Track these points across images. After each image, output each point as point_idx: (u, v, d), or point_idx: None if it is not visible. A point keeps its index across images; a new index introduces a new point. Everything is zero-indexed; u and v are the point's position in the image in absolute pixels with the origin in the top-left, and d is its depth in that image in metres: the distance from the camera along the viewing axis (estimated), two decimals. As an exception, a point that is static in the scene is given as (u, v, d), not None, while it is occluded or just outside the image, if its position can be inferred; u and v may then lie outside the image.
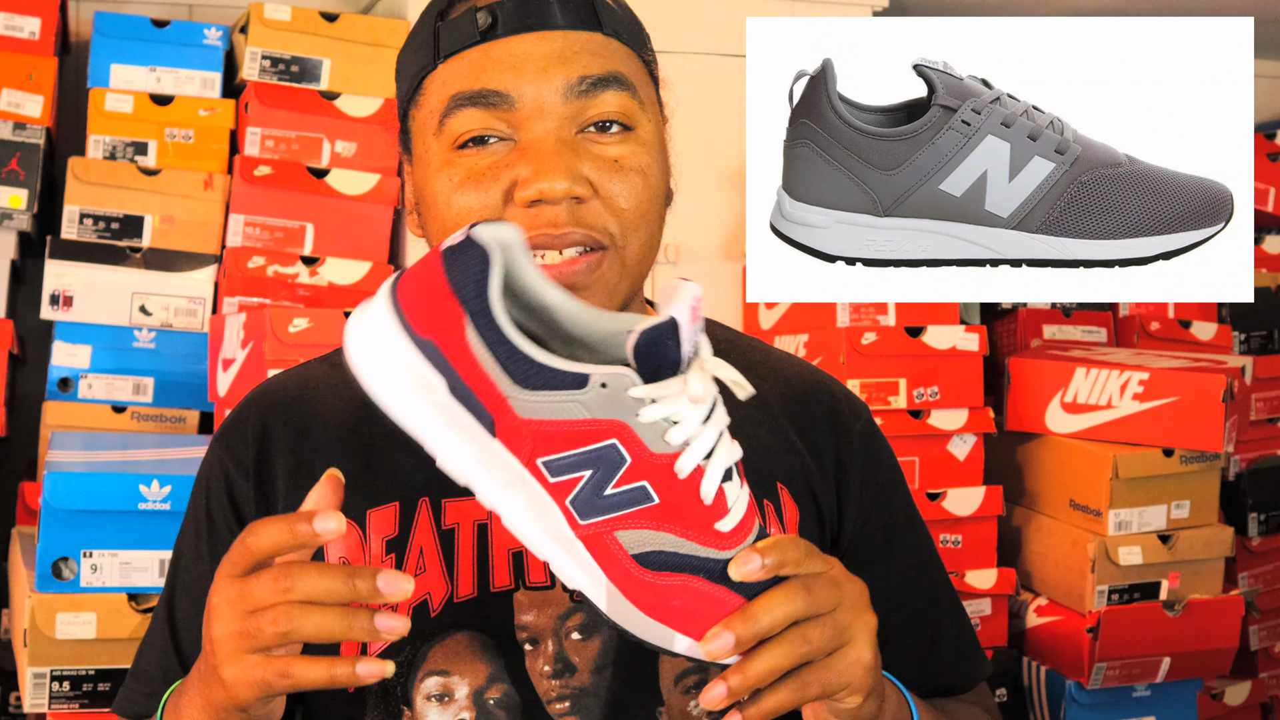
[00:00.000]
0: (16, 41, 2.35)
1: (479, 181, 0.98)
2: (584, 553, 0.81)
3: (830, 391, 1.13)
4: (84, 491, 1.86)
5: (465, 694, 0.99)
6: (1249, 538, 2.78)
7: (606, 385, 0.79)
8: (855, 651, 0.84)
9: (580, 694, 0.99)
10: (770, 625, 0.80)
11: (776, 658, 0.81)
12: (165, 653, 1.07)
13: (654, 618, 0.81)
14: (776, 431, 1.08)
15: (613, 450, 0.79)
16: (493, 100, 0.98)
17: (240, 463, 1.05)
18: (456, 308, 0.79)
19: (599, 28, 1.01)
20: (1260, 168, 3.12)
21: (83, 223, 2.35)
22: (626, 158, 0.99)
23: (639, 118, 1.01)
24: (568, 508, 0.80)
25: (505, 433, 0.80)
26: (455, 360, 0.80)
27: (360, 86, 2.46)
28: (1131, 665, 2.41)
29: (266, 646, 0.81)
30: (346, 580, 0.80)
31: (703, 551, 0.81)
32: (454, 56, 1.00)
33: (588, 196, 0.97)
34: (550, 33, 0.99)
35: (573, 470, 0.80)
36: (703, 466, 0.81)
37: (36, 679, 1.87)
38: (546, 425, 0.79)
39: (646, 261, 1.03)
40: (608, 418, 0.79)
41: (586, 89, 0.98)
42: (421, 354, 0.81)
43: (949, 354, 2.43)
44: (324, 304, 2.35)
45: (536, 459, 0.80)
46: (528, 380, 0.79)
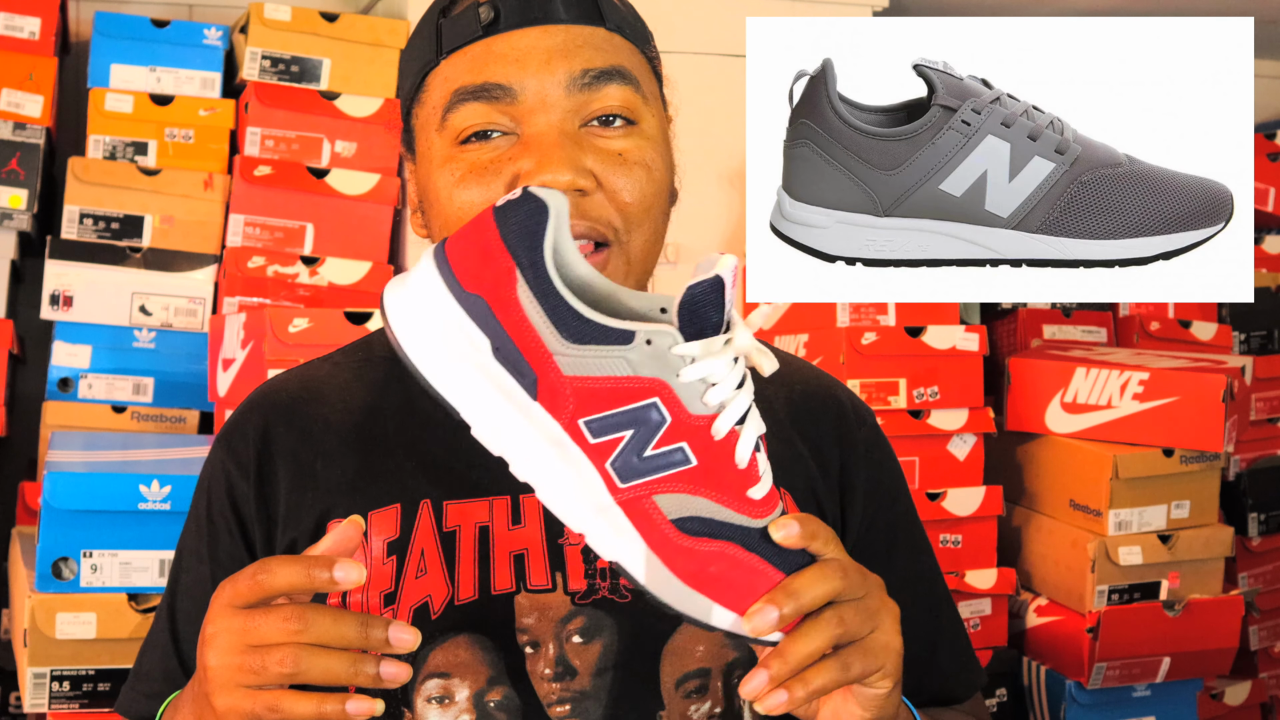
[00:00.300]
0: (16, 41, 2.35)
1: (481, 175, 0.98)
2: (623, 519, 0.81)
3: (836, 398, 1.13)
4: (84, 491, 1.86)
5: (466, 696, 0.99)
6: (1249, 538, 2.78)
7: (651, 342, 0.80)
8: (885, 636, 0.85)
9: (581, 697, 0.99)
10: (811, 601, 0.81)
11: (814, 639, 0.81)
12: (166, 654, 1.07)
13: (693, 586, 0.81)
14: (781, 437, 1.08)
15: (653, 409, 0.80)
16: (495, 94, 0.98)
17: (241, 464, 1.05)
18: (508, 261, 0.80)
19: (602, 22, 1.01)
20: (1260, 168, 3.12)
21: (83, 223, 2.35)
22: (630, 151, 0.99)
23: (642, 112, 1.01)
24: (607, 471, 0.81)
25: (547, 394, 0.80)
26: (503, 315, 0.80)
27: (360, 86, 2.46)
28: (1131, 665, 2.41)
29: (267, 684, 0.82)
30: (360, 628, 0.81)
31: (738, 518, 0.82)
32: (456, 52, 1.00)
33: (591, 189, 0.97)
34: (553, 26, 0.99)
35: (614, 430, 0.80)
36: (737, 430, 0.82)
37: (36, 679, 1.87)
38: (590, 382, 0.80)
39: (651, 257, 1.03)
40: (650, 375, 0.80)
41: (589, 82, 0.98)
42: (467, 312, 0.81)
43: (949, 354, 2.43)
44: (324, 304, 2.35)
45: (579, 419, 0.80)
46: (576, 335, 0.80)
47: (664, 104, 1.07)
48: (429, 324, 0.82)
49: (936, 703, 1.12)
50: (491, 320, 0.80)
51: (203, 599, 1.05)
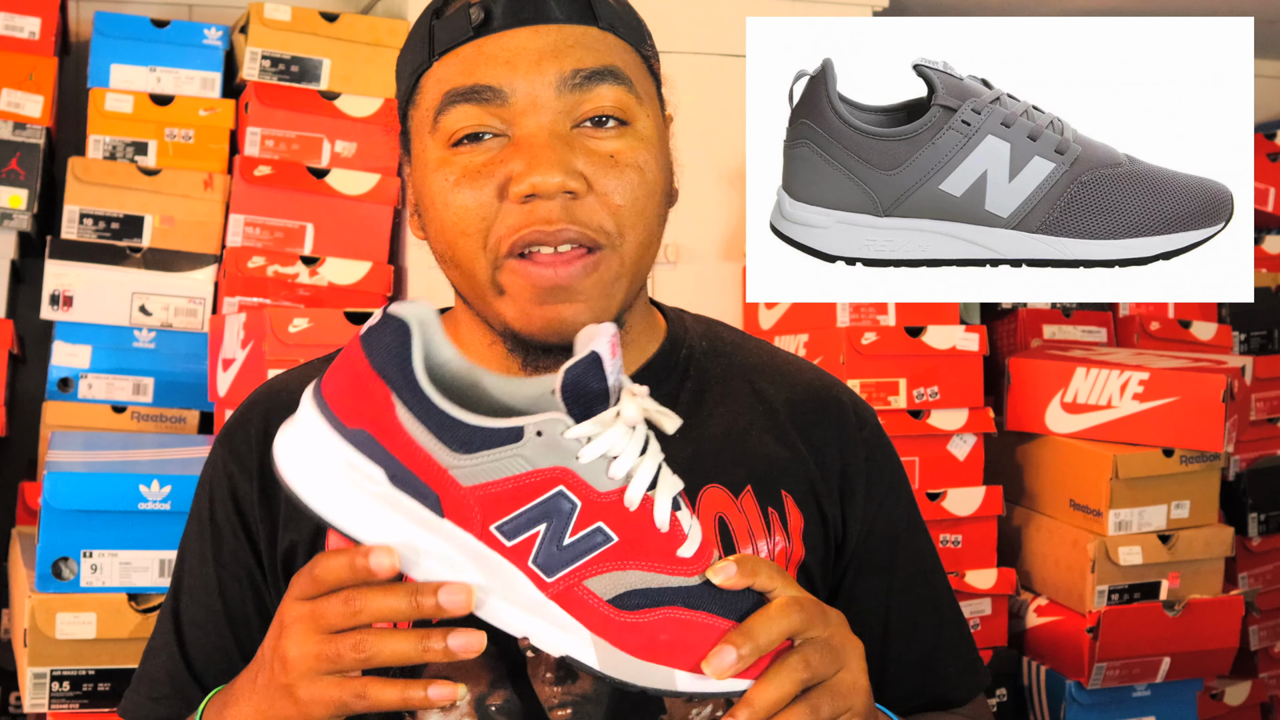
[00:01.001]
0: (16, 41, 2.35)
1: (474, 179, 0.97)
2: (560, 612, 0.80)
3: (838, 398, 1.12)
4: (84, 491, 1.86)
5: (467, 702, 0.99)
6: (1249, 538, 2.78)
7: (542, 433, 0.79)
8: (852, 675, 0.85)
9: (582, 701, 0.99)
10: (768, 641, 0.81)
11: (782, 684, 0.81)
12: (172, 657, 1.06)
13: (648, 659, 0.81)
14: (783, 438, 1.07)
15: (561, 498, 0.79)
16: (485, 96, 0.97)
17: (243, 464, 1.05)
18: (383, 388, 0.79)
19: (594, 21, 0.99)
20: (1260, 168, 3.13)
21: (83, 223, 2.35)
22: (623, 152, 0.98)
23: (636, 112, 0.99)
24: (532, 569, 0.80)
25: (453, 509, 0.79)
26: (390, 443, 0.79)
27: (360, 86, 2.46)
28: (1131, 665, 2.41)
29: (346, 669, 0.83)
30: (410, 599, 0.81)
31: (674, 580, 0.81)
32: (448, 53, 0.99)
33: (582, 192, 0.96)
34: (544, 26, 0.98)
35: (527, 528, 0.79)
36: (651, 496, 0.81)
37: (36, 679, 1.86)
38: (492, 487, 0.79)
39: (645, 261, 1.01)
40: (550, 465, 0.79)
41: (580, 82, 0.97)
42: (355, 447, 0.80)
43: (949, 354, 2.43)
44: (324, 304, 2.35)
45: (490, 526, 0.79)
46: (465, 445, 0.78)
47: (661, 104, 1.05)
48: (321, 469, 0.81)
49: (937, 705, 1.12)
50: (380, 451, 0.79)
51: (207, 602, 1.05)
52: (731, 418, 1.07)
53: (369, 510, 0.80)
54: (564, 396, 0.79)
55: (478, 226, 0.97)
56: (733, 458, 1.05)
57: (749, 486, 1.04)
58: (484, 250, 0.97)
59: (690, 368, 1.09)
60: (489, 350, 1.04)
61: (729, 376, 1.10)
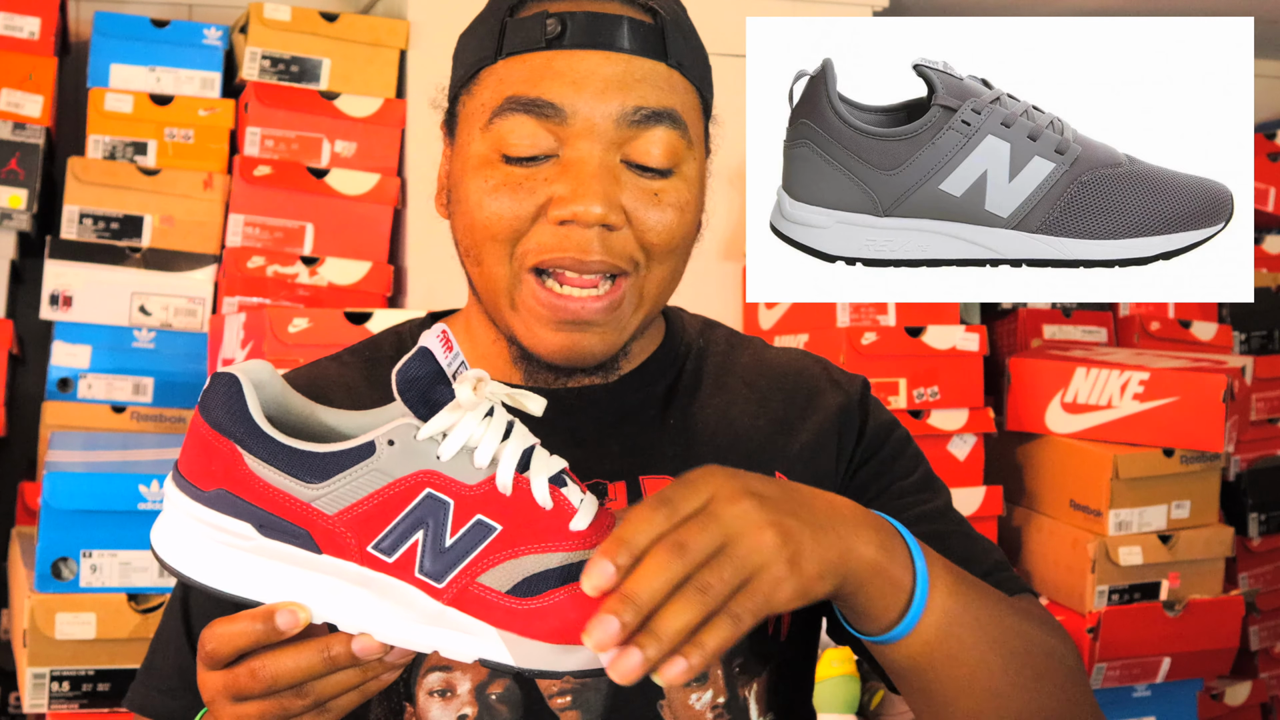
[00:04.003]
0: (16, 41, 2.35)
1: (515, 190, 0.97)
2: (461, 617, 0.78)
3: (813, 372, 1.13)
4: (84, 492, 1.86)
5: (467, 689, 0.99)
6: (1249, 538, 2.78)
7: (394, 441, 0.77)
8: (771, 571, 0.78)
9: (581, 688, 0.99)
10: (652, 598, 0.75)
11: (684, 614, 0.75)
12: (181, 650, 1.06)
13: (565, 643, 0.78)
14: (772, 419, 1.09)
15: (431, 500, 0.77)
16: (546, 111, 0.97)
17: None
18: (227, 444, 0.78)
19: (664, 58, 1.00)
20: (1260, 168, 3.13)
21: (82, 223, 2.35)
22: (667, 192, 0.99)
23: (684, 156, 1.00)
24: (420, 579, 0.78)
25: (326, 541, 0.78)
26: (248, 494, 0.78)
27: (360, 86, 2.46)
28: (1132, 665, 2.41)
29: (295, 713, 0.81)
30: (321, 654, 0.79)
31: (572, 556, 0.78)
32: (516, 56, 0.99)
33: (620, 225, 0.97)
34: (615, 54, 0.98)
35: (405, 539, 0.78)
36: (524, 477, 0.79)
37: (36, 679, 1.86)
38: (357, 508, 0.77)
39: (664, 294, 1.03)
40: (410, 471, 0.77)
41: (640, 119, 0.97)
42: (217, 509, 0.79)
43: (949, 354, 2.43)
44: (324, 304, 2.35)
45: (366, 547, 0.78)
46: (320, 473, 0.77)
47: (708, 141, 1.06)
48: (192, 541, 0.80)
49: None
50: (241, 504, 0.78)
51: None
52: (724, 407, 1.09)
53: (249, 567, 0.79)
54: (404, 399, 0.77)
55: (508, 235, 0.97)
56: (726, 443, 1.06)
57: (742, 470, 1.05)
58: (509, 259, 0.98)
59: (687, 363, 1.11)
60: (493, 347, 1.06)
61: (721, 372, 1.12)
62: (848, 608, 0.86)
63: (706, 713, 1.02)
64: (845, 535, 0.82)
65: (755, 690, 1.04)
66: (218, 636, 0.80)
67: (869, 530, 0.84)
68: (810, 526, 0.80)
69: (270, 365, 0.82)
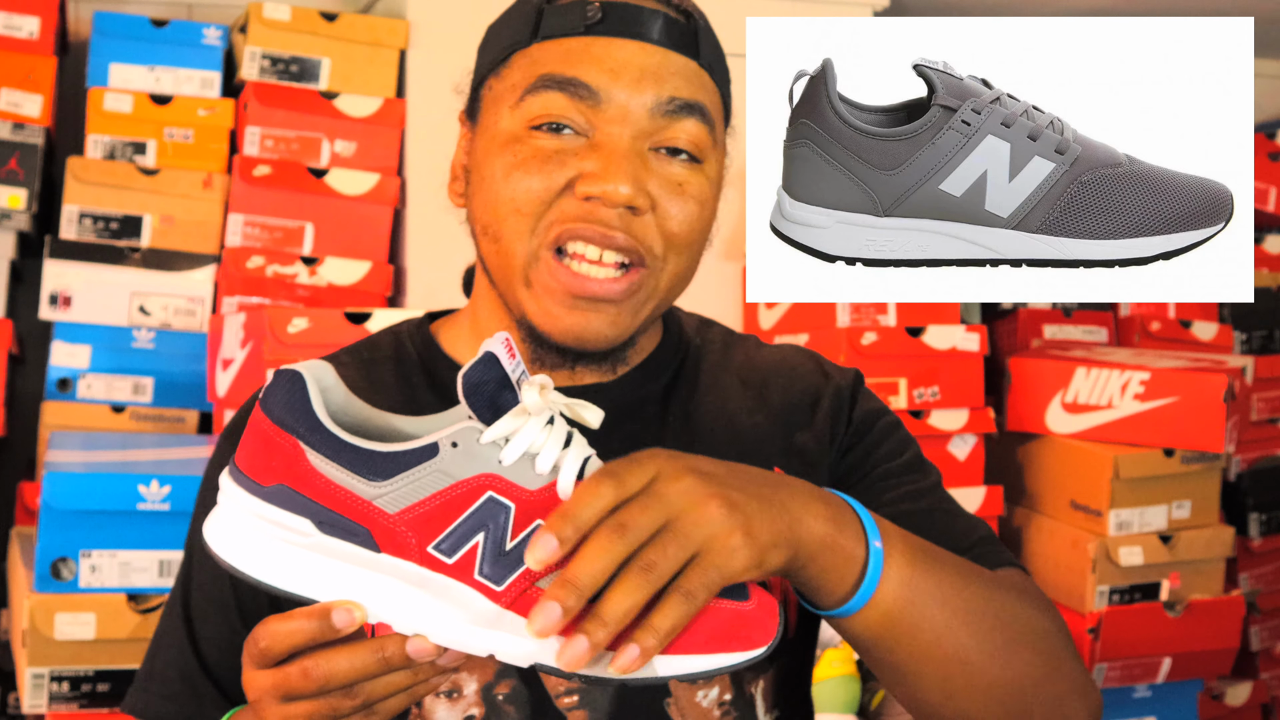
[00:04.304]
0: (16, 41, 2.35)
1: (543, 164, 0.98)
2: (518, 620, 0.78)
3: (807, 368, 1.15)
4: (83, 492, 1.85)
5: (474, 690, 0.99)
6: (1250, 538, 2.78)
7: (457, 444, 0.77)
8: (722, 541, 0.77)
9: (588, 688, 0.99)
10: (594, 580, 0.74)
11: (628, 595, 0.74)
12: (182, 651, 1.06)
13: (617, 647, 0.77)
14: (769, 415, 1.10)
15: (493, 503, 0.78)
16: (581, 92, 0.98)
17: None
18: (289, 440, 0.78)
19: (697, 57, 1.02)
20: (1260, 168, 3.13)
21: (82, 222, 2.35)
22: (691, 184, 1.01)
23: (709, 153, 1.02)
24: (480, 581, 0.78)
25: (386, 540, 0.78)
26: (309, 490, 0.78)
27: (360, 86, 2.46)
28: (1132, 665, 2.41)
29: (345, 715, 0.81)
30: (376, 654, 0.78)
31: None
32: (552, 40, 1.01)
33: (644, 210, 0.98)
34: (652, 46, 1.00)
35: (466, 540, 0.78)
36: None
37: (35, 679, 1.86)
38: (419, 508, 0.77)
39: (676, 291, 1.05)
40: (472, 474, 0.77)
41: (673, 110, 0.99)
42: (276, 504, 0.79)
43: (949, 354, 2.43)
44: (323, 304, 2.35)
45: (427, 547, 0.78)
46: (383, 472, 0.77)
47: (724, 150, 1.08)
48: (249, 537, 0.79)
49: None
50: (301, 500, 0.78)
51: (218, 594, 1.05)
52: (721, 404, 1.10)
53: (306, 564, 0.79)
54: (469, 402, 0.78)
55: (533, 209, 0.98)
56: (724, 438, 1.07)
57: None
58: (531, 234, 0.99)
59: (685, 361, 1.12)
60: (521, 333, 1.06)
61: (719, 370, 1.13)
62: (801, 583, 0.85)
63: (713, 710, 1.02)
64: (792, 508, 0.82)
65: (762, 687, 1.05)
66: (271, 634, 0.79)
67: (817, 503, 0.84)
68: (757, 499, 0.80)
69: (330, 365, 0.82)
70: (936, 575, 0.89)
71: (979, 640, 0.90)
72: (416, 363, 1.09)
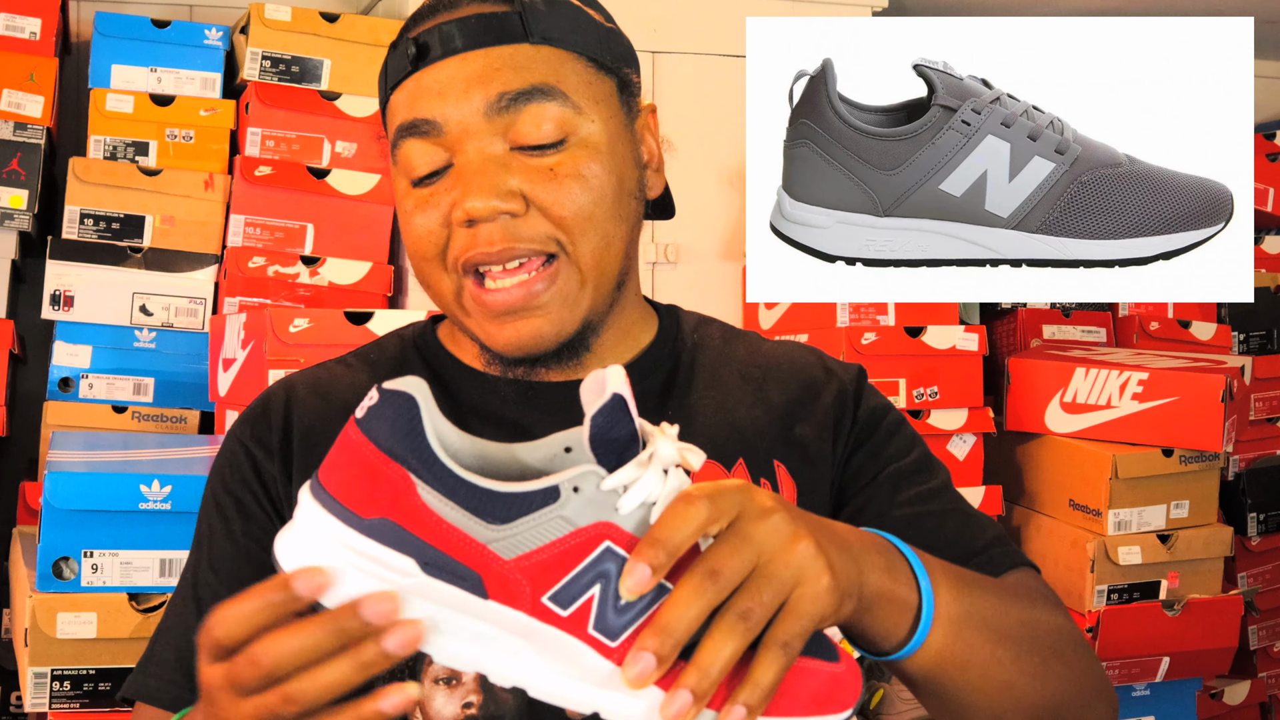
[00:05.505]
0: (17, 42, 2.35)
1: (425, 209, 1.00)
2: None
3: (808, 362, 1.14)
4: (85, 491, 1.86)
5: (473, 676, 0.99)
6: (1248, 537, 2.78)
7: (579, 489, 0.72)
8: (812, 585, 0.75)
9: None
10: (687, 628, 0.71)
11: (726, 643, 0.71)
12: (184, 635, 1.03)
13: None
14: (770, 410, 1.10)
15: (609, 555, 0.73)
16: (424, 129, 1.00)
17: (266, 445, 1.05)
18: (398, 470, 0.72)
19: (525, 38, 1.01)
20: (1260, 168, 3.13)
21: (83, 223, 2.35)
22: (562, 164, 0.99)
23: (574, 124, 1.00)
24: (593, 636, 0.73)
25: (498, 587, 0.72)
26: (417, 527, 0.72)
27: (360, 86, 2.46)
28: (1131, 665, 2.41)
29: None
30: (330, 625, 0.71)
31: None
32: (398, 87, 1.03)
33: (521, 211, 0.98)
34: (471, 54, 1.00)
35: (582, 593, 0.72)
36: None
37: (37, 678, 1.87)
38: (536, 555, 0.72)
39: (607, 263, 1.02)
40: (591, 522, 0.72)
41: (507, 105, 0.99)
42: (376, 540, 0.72)
43: (949, 354, 2.43)
44: (324, 304, 2.35)
45: (541, 598, 0.72)
46: (501, 515, 0.72)
47: (630, 97, 1.05)
48: (340, 567, 0.72)
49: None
50: (408, 538, 0.72)
51: (229, 572, 1.04)
52: (720, 398, 1.10)
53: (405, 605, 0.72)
54: (593, 446, 0.73)
55: (434, 251, 1.01)
56: (724, 433, 1.07)
57: (740, 459, 1.06)
58: (445, 272, 1.01)
59: (682, 358, 1.11)
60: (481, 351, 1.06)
61: (718, 365, 1.12)
62: (854, 631, 0.84)
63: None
64: (858, 556, 0.81)
65: None
66: (226, 619, 0.73)
67: (875, 554, 0.83)
68: (831, 543, 0.78)
69: (425, 383, 0.74)
70: (981, 605, 0.89)
71: (1020, 664, 0.91)
72: (423, 365, 1.10)
